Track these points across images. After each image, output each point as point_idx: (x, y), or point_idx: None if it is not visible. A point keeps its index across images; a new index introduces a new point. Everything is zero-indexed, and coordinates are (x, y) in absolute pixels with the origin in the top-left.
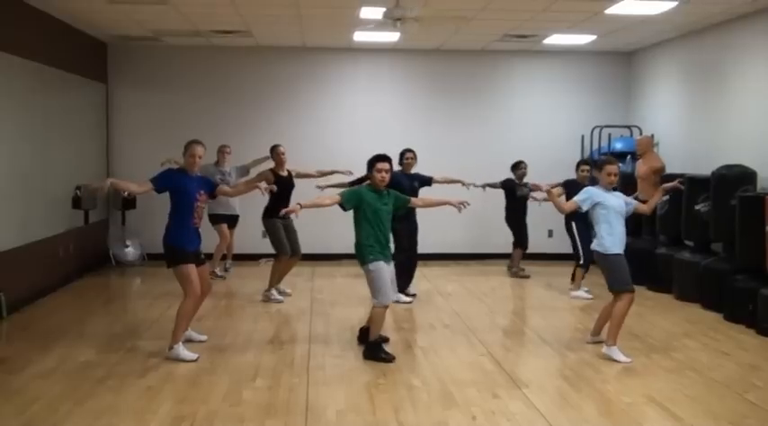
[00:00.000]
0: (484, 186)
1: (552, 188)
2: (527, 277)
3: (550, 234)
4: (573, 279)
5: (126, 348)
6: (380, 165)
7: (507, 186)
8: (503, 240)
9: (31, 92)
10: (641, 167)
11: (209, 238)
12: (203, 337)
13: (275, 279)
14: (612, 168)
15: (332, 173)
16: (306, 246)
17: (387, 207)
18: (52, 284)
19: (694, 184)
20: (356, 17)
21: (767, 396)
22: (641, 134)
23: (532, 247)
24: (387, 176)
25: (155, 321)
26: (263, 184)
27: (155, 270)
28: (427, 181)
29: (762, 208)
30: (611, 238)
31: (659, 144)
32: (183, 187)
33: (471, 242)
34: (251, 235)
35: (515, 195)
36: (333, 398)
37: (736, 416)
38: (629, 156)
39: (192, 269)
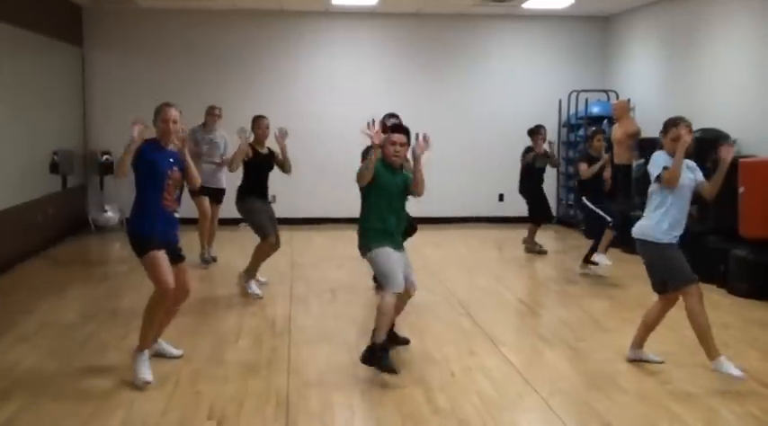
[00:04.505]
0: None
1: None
2: (544, 252)
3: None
4: (589, 256)
5: (108, 311)
6: (395, 137)
7: (527, 158)
8: (483, 203)
9: (4, 55)
10: (617, 131)
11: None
12: (177, 352)
13: (255, 266)
14: (681, 132)
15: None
16: (284, 211)
17: (399, 185)
18: (31, 249)
19: None
20: None
21: (736, 353)
22: (618, 98)
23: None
24: (402, 151)
25: (136, 284)
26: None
27: None
28: None
29: (736, 171)
30: (665, 224)
31: (635, 108)
32: (151, 161)
33: (450, 206)
34: (229, 198)
35: (533, 165)
36: (314, 358)
37: (706, 371)
38: (605, 121)
39: (161, 257)
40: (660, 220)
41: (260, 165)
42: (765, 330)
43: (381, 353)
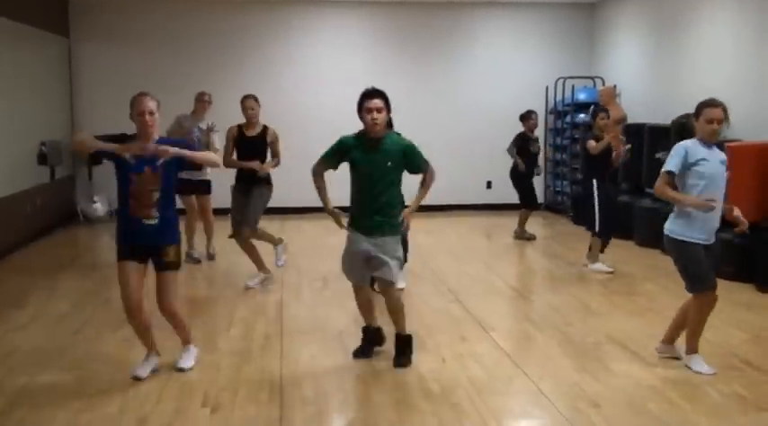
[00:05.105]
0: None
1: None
2: (533, 238)
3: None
4: (590, 248)
5: (99, 301)
6: (370, 103)
7: (519, 143)
8: (471, 190)
9: None
10: None
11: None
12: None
13: (257, 261)
14: (715, 112)
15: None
16: (274, 200)
17: (380, 162)
18: (21, 240)
19: (655, 133)
20: None
21: (722, 334)
22: (604, 84)
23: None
24: (380, 117)
25: None
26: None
27: None
28: None
29: None
30: (693, 219)
31: (622, 94)
32: (116, 160)
33: (438, 193)
34: (221, 186)
35: (528, 151)
36: (307, 345)
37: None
38: (592, 107)
39: (127, 268)
40: (689, 216)
41: (246, 147)
42: (751, 312)
43: (363, 339)
